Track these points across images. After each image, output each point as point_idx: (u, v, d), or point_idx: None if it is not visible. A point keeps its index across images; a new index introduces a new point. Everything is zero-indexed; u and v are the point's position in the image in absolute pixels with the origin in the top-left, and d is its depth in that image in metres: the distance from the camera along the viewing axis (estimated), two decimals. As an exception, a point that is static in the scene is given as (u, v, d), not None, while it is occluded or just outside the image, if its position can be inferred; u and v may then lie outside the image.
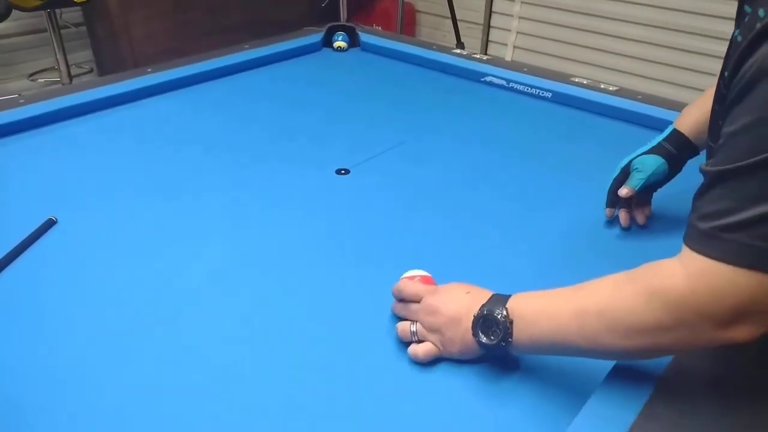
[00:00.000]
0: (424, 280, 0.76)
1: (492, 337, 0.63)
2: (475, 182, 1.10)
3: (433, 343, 0.68)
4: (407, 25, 3.83)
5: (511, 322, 0.62)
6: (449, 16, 3.36)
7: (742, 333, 0.53)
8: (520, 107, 1.42)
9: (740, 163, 0.50)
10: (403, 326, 0.71)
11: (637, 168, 0.93)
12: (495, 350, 0.64)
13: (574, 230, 0.96)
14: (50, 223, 0.91)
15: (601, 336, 0.58)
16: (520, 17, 3.51)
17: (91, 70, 3.43)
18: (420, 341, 0.69)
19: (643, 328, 0.55)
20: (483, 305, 0.65)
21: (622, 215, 0.96)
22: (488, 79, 1.53)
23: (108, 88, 1.34)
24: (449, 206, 1.02)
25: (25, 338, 0.71)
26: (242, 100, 1.42)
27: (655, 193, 0.98)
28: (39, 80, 3.26)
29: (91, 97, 1.30)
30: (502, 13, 3.59)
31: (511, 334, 0.62)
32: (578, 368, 0.67)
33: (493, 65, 1.56)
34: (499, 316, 0.63)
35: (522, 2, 3.46)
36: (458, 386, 0.66)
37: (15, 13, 2.86)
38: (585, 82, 1.44)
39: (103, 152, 1.16)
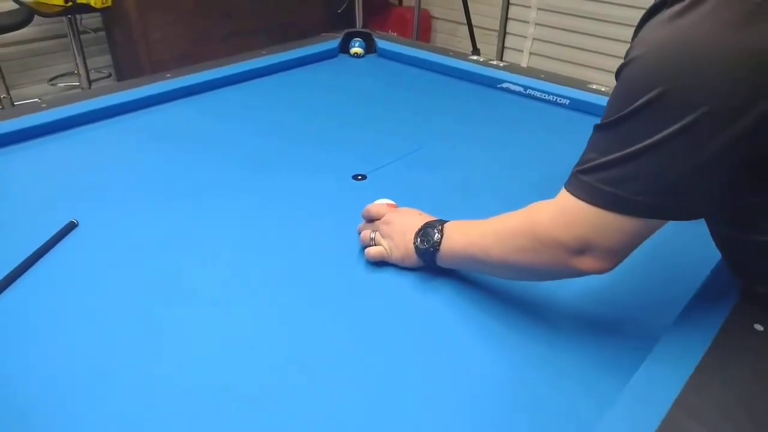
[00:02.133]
0: (390, 205, 0.94)
1: (425, 244, 0.81)
2: (491, 189, 1.09)
3: (384, 247, 0.86)
4: (423, 31, 3.84)
5: (442, 236, 0.80)
6: (465, 22, 3.37)
7: (589, 263, 0.65)
8: (537, 114, 1.42)
9: (600, 123, 0.63)
10: (365, 233, 0.90)
11: None
12: (425, 256, 0.82)
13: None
14: (71, 226, 0.92)
15: (493, 250, 0.74)
16: (536, 24, 3.50)
17: (110, 75, 3.47)
18: (375, 246, 0.87)
19: (519, 248, 0.71)
20: (426, 223, 0.83)
21: None
22: (505, 85, 1.52)
23: (127, 93, 1.36)
24: (465, 213, 1.01)
25: (44, 340, 0.72)
26: (260, 105, 1.43)
27: None
28: (59, 85, 3.31)
29: (110, 102, 1.32)
30: (518, 20, 3.59)
31: (439, 244, 0.80)
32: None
33: (510, 72, 1.55)
34: (434, 230, 0.81)
35: (538, 9, 3.45)
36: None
37: (36, 18, 2.90)
38: (603, 89, 1.44)
39: (122, 157, 1.17)
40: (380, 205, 0.93)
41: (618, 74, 0.62)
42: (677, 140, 0.56)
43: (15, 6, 2.89)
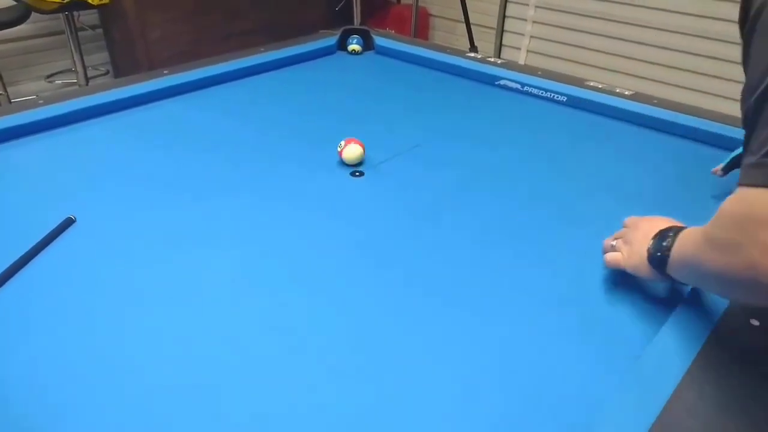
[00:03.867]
0: (349, 141, 1.02)
1: (656, 250, 0.72)
2: (489, 186, 1.09)
3: (622, 253, 0.79)
4: (421, 28, 3.84)
5: (673, 241, 0.69)
6: (463, 20, 3.37)
7: None
8: (534, 111, 1.42)
9: (758, 95, 0.51)
10: (607, 241, 0.84)
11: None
12: (654, 262, 0.72)
13: (591, 237, 0.95)
14: (69, 222, 0.92)
15: (703, 256, 0.60)
16: (533, 21, 3.50)
17: (107, 72, 3.46)
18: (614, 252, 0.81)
19: (720, 247, 0.56)
20: (668, 227, 0.73)
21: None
22: (502, 82, 1.53)
23: (124, 90, 1.36)
24: (463, 210, 1.01)
25: (42, 336, 0.72)
26: (257, 102, 1.43)
27: None
28: (56, 82, 3.30)
29: (107, 99, 1.32)
30: (515, 17, 3.59)
31: (668, 250, 0.69)
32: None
33: (507, 69, 1.56)
34: (668, 235, 0.71)
35: (536, 6, 3.45)
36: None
37: (33, 15, 2.90)
38: (600, 86, 1.44)
39: (118, 153, 1.17)
40: (638, 218, 0.84)
41: (753, 27, 0.52)
42: None
43: (12, 2, 2.88)
